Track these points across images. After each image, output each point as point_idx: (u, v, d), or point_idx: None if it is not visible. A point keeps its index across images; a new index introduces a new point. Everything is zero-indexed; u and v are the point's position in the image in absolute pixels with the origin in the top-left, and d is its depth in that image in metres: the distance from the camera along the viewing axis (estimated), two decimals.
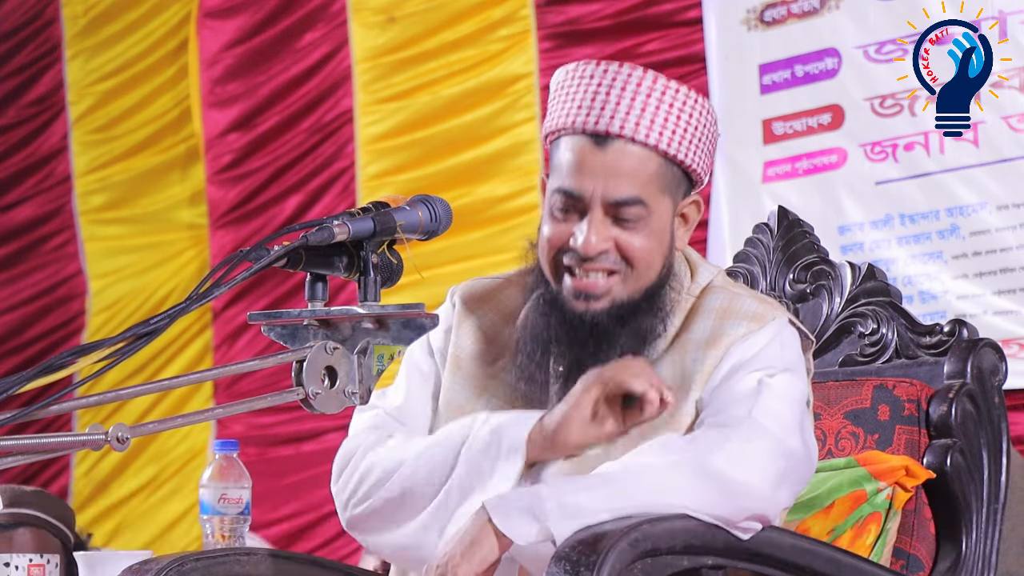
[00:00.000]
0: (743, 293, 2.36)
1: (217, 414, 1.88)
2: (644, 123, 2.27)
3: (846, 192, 4.58)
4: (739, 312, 2.30)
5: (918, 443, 2.50)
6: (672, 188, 2.31)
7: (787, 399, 2.24)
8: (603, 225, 2.27)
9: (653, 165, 2.28)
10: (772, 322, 2.30)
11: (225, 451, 2.68)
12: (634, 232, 2.27)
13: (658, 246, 2.30)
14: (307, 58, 5.91)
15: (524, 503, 2.11)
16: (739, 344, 2.27)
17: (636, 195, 2.26)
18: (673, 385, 2.24)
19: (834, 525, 2.40)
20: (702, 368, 2.27)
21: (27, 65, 6.65)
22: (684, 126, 2.29)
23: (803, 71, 4.67)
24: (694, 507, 2.11)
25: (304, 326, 1.97)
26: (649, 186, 2.27)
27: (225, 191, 6.11)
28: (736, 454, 2.14)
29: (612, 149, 2.27)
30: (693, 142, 2.30)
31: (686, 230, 2.36)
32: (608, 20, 5.10)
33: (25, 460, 1.71)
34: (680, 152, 2.29)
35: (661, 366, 2.29)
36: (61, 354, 1.75)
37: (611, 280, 2.28)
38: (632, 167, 2.27)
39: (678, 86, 2.30)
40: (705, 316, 2.31)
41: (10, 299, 6.62)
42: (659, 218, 2.29)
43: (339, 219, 2.03)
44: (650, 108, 2.28)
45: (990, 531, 2.49)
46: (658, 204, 2.29)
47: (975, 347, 2.55)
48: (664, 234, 2.30)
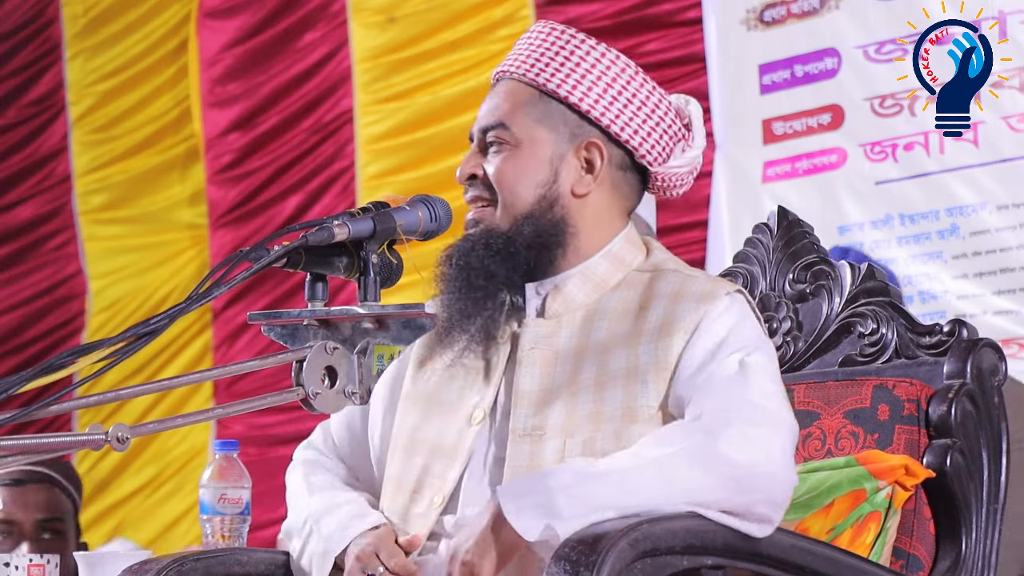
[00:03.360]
0: (697, 275, 2.36)
1: (217, 414, 1.88)
2: (520, 59, 2.38)
3: (846, 192, 4.58)
4: (689, 294, 2.30)
5: (918, 443, 2.49)
6: (556, 124, 2.36)
7: (769, 375, 2.25)
8: (473, 155, 2.40)
9: (524, 95, 2.37)
10: (724, 296, 2.30)
11: (225, 451, 2.67)
12: (496, 156, 2.36)
13: (527, 175, 2.35)
14: (307, 58, 5.90)
15: (535, 498, 2.10)
16: (705, 329, 2.26)
17: (498, 120, 2.36)
18: (624, 374, 2.25)
19: (834, 524, 2.40)
20: (657, 357, 2.26)
21: (27, 65, 6.65)
22: (572, 66, 2.35)
23: (803, 71, 4.67)
24: (701, 498, 2.10)
25: (304, 326, 1.97)
26: (516, 113, 2.36)
27: (225, 191, 6.11)
28: (739, 439, 2.14)
29: (495, 89, 2.41)
30: (584, 82, 2.34)
31: (592, 177, 2.37)
32: (608, 20, 5.10)
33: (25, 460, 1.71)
34: (561, 88, 2.34)
35: (611, 355, 2.28)
36: (61, 354, 1.75)
37: (485, 210, 2.37)
38: (502, 98, 2.38)
39: (585, 38, 2.38)
40: (658, 302, 2.31)
41: (10, 299, 6.62)
42: (530, 148, 2.35)
43: (339, 219, 2.03)
44: (533, 47, 2.38)
45: (990, 531, 2.49)
46: (529, 132, 2.35)
47: (975, 347, 2.55)
48: (540, 166, 2.35)
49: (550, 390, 2.30)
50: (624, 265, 2.38)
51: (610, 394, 2.26)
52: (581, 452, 2.23)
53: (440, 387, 2.39)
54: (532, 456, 2.25)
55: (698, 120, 2.44)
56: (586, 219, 2.37)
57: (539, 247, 2.33)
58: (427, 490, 2.33)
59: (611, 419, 2.24)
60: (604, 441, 2.23)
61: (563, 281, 2.36)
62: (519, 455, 2.26)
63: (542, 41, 2.39)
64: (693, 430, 2.17)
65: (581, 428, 2.25)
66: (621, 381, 2.26)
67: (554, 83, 2.35)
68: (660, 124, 2.38)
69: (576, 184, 2.36)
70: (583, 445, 2.23)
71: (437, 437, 2.35)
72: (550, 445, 2.25)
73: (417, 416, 2.39)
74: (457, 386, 2.37)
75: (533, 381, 2.31)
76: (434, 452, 2.34)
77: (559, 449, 2.24)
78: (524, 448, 2.27)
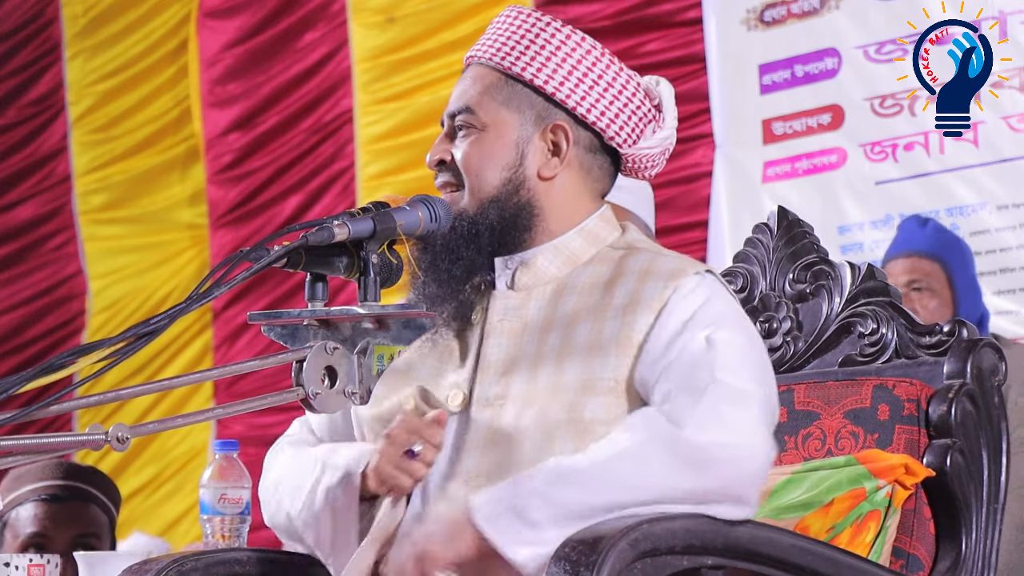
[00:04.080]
0: (668, 254, 2.36)
1: (217, 414, 1.88)
2: (487, 44, 2.39)
3: (846, 192, 4.58)
4: (657, 272, 2.29)
5: (918, 443, 2.49)
6: (521, 107, 2.36)
7: (737, 349, 2.22)
8: (442, 140, 2.40)
9: (490, 79, 2.38)
10: (693, 275, 2.29)
11: (225, 451, 2.68)
12: (463, 141, 2.37)
13: (493, 158, 2.35)
14: (307, 58, 5.91)
15: (508, 504, 2.10)
16: (672, 309, 2.25)
17: (465, 104, 2.37)
18: (586, 347, 2.25)
19: (833, 523, 2.39)
20: (621, 332, 2.25)
21: (27, 65, 6.65)
22: (538, 49, 2.36)
23: (803, 71, 4.67)
24: (671, 484, 2.09)
25: (304, 326, 1.97)
26: (482, 97, 2.37)
27: (225, 191, 6.11)
28: (706, 420, 2.12)
29: (465, 75, 2.42)
30: (550, 65, 2.35)
31: (559, 160, 2.37)
32: (608, 20, 5.10)
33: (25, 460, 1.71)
34: (527, 71, 2.34)
35: (577, 327, 2.28)
36: (61, 354, 1.75)
37: (454, 195, 2.36)
38: (470, 83, 2.40)
39: (551, 21, 2.38)
40: (627, 278, 2.31)
41: (10, 299, 6.62)
42: (497, 131, 2.35)
43: (339, 219, 2.03)
44: (499, 32, 2.39)
45: (990, 531, 2.49)
46: (494, 116, 2.35)
47: (975, 347, 2.55)
48: (506, 149, 2.35)
49: (515, 360, 2.30)
50: (598, 241, 2.38)
51: (569, 365, 2.26)
52: (533, 422, 2.23)
53: (413, 365, 2.38)
54: (491, 425, 2.26)
55: (669, 100, 2.43)
56: (553, 201, 2.37)
57: (504, 229, 2.33)
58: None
59: (568, 390, 2.24)
60: (557, 412, 2.23)
61: (532, 256, 2.36)
62: (480, 423, 2.26)
63: (509, 25, 2.40)
64: (658, 418, 2.15)
65: (539, 398, 2.25)
66: (582, 354, 2.26)
67: (519, 66, 2.35)
68: (628, 105, 2.38)
69: (542, 167, 2.36)
70: (536, 415, 2.23)
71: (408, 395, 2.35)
72: (509, 414, 2.25)
73: (387, 388, 2.37)
74: (432, 364, 2.37)
75: (500, 351, 2.31)
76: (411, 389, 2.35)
77: (515, 417, 2.25)
78: (485, 415, 2.27)
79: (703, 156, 4.91)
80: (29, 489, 3.34)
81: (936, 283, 3.88)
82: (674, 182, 4.91)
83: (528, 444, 2.23)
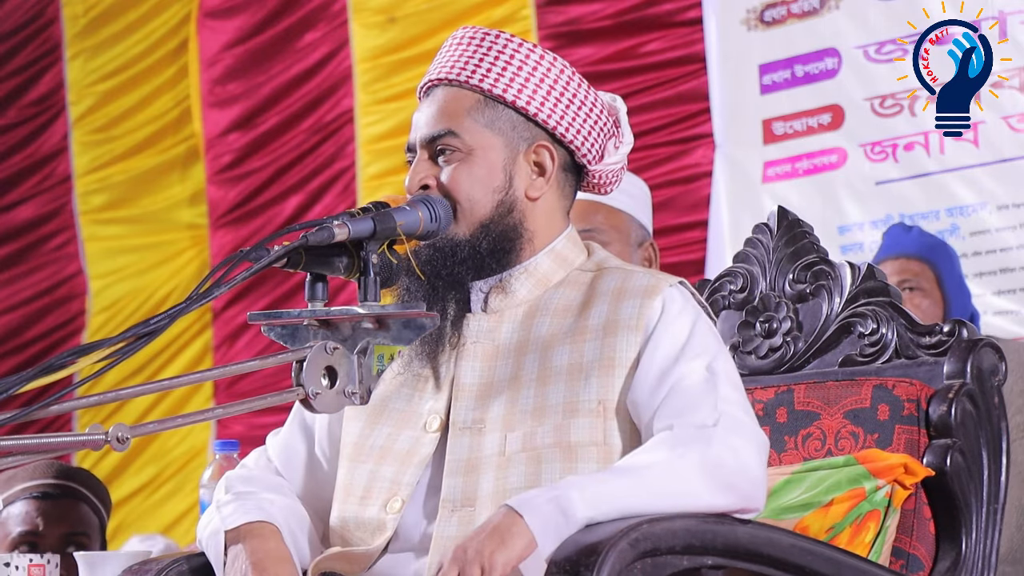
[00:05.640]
0: (637, 270, 2.37)
1: (217, 414, 1.88)
2: (459, 65, 2.37)
3: (846, 192, 4.58)
4: (630, 291, 2.30)
5: (918, 443, 2.49)
6: (504, 128, 2.35)
7: (734, 382, 2.26)
8: (424, 164, 2.36)
9: (469, 101, 2.35)
10: (667, 288, 2.30)
11: (225, 451, 2.68)
12: (449, 164, 2.34)
13: (483, 182, 2.33)
14: (307, 58, 5.91)
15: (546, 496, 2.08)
16: (663, 331, 2.26)
17: (446, 128, 2.34)
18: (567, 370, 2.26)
19: (833, 523, 2.39)
20: (602, 354, 2.26)
21: (27, 65, 6.65)
22: (515, 69, 2.35)
23: (803, 71, 4.67)
24: (708, 502, 2.12)
25: (304, 326, 1.97)
26: (464, 120, 2.34)
27: (225, 191, 6.11)
28: (725, 448, 2.15)
29: (432, 96, 2.38)
30: (528, 85, 2.34)
31: (544, 180, 2.37)
32: (608, 20, 5.10)
33: (25, 460, 1.71)
34: (508, 92, 2.33)
35: (554, 351, 2.28)
36: (61, 354, 1.75)
37: None
38: (444, 104, 2.36)
39: (512, 37, 2.37)
40: (601, 300, 2.32)
41: (10, 299, 6.62)
42: (483, 154, 2.33)
43: (339, 219, 2.03)
44: (468, 52, 2.37)
45: (990, 531, 2.49)
46: (479, 139, 2.33)
47: (975, 347, 2.55)
48: (494, 171, 2.34)
49: (491, 384, 2.30)
50: (567, 263, 2.38)
51: (552, 389, 2.26)
52: (521, 446, 2.23)
53: (388, 395, 2.38)
54: (471, 449, 2.25)
55: (624, 117, 2.45)
56: (538, 221, 2.38)
57: (498, 251, 2.33)
58: (376, 494, 2.31)
59: (553, 413, 2.24)
60: (545, 435, 2.23)
61: (507, 277, 2.36)
62: (459, 448, 2.26)
63: (475, 45, 2.38)
64: (675, 441, 2.17)
65: (522, 422, 2.25)
66: (564, 377, 2.27)
67: (500, 87, 2.34)
68: (597, 123, 2.40)
69: (529, 188, 2.36)
70: (523, 439, 2.24)
71: (386, 442, 2.34)
72: (490, 439, 2.25)
73: (363, 424, 2.38)
74: (407, 392, 2.37)
75: (474, 374, 2.32)
76: (384, 457, 2.33)
77: (499, 442, 2.25)
78: (464, 441, 2.27)
79: (703, 156, 4.91)
80: (21, 488, 3.35)
81: (926, 283, 3.89)
82: (674, 182, 4.92)
83: (517, 468, 2.23)
